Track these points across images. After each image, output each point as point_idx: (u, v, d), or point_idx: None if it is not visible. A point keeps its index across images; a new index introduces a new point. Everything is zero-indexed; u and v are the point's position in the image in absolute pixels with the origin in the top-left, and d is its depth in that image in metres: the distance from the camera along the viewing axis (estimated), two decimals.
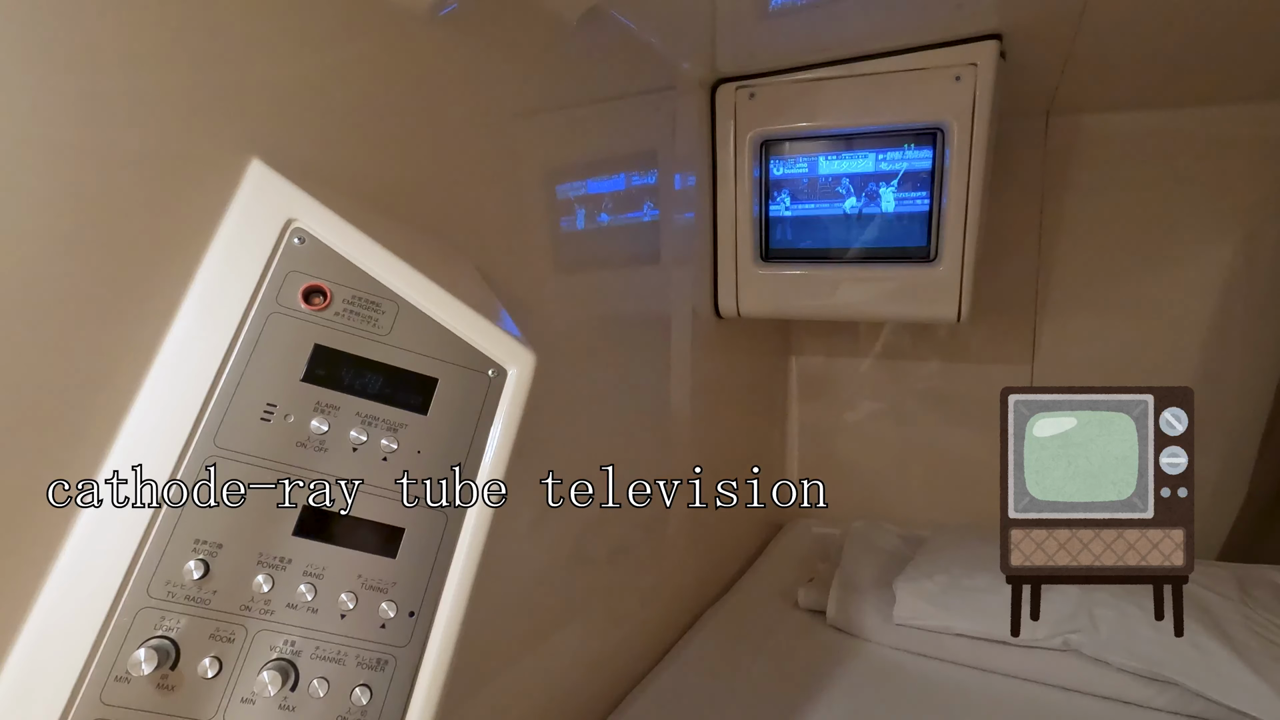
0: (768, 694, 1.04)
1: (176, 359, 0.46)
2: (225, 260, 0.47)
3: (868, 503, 1.61)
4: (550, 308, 0.84)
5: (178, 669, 0.43)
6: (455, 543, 0.50)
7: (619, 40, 0.96)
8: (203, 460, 0.45)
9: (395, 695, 0.48)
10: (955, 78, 1.08)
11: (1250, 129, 1.27)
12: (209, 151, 0.47)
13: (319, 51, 0.55)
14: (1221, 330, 1.35)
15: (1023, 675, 1.06)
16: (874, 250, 1.20)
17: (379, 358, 0.50)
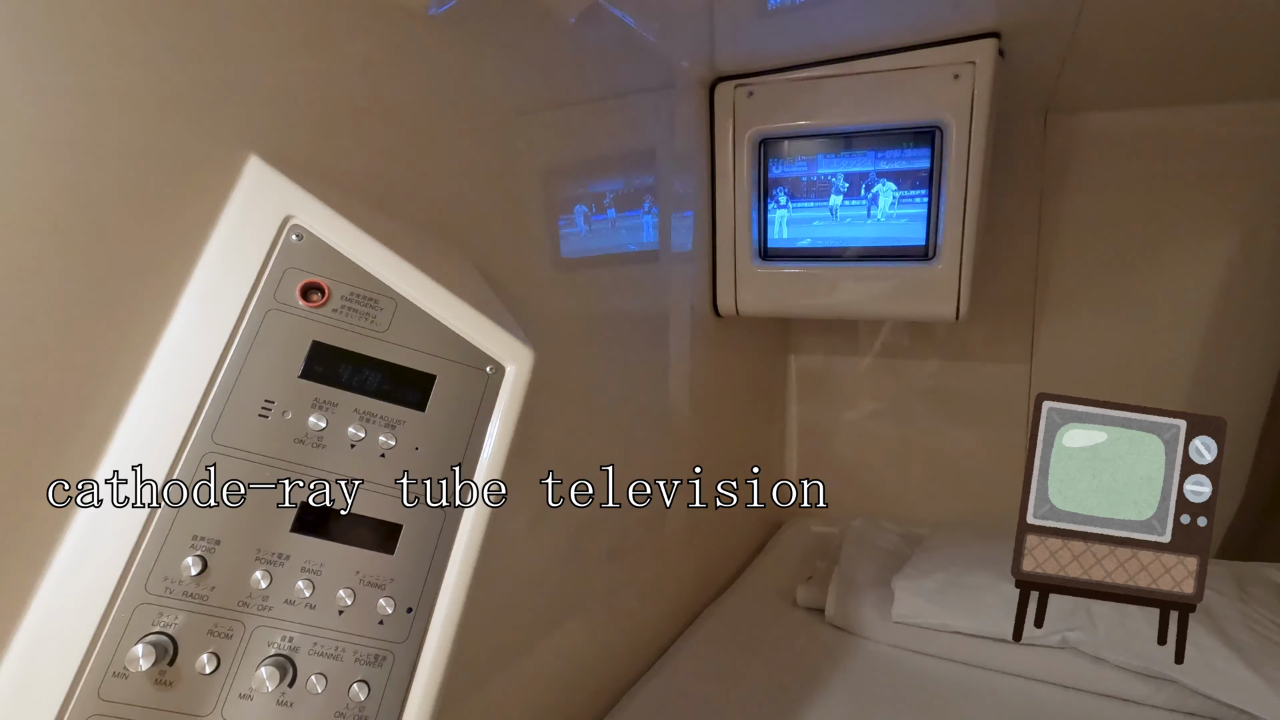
0: (766, 692, 1.04)
1: (174, 355, 0.46)
2: (223, 257, 0.47)
3: (866, 501, 1.61)
4: (549, 305, 0.84)
5: (175, 665, 0.43)
6: (453, 539, 0.50)
7: (617, 38, 0.96)
8: (200, 457, 0.45)
9: (393, 691, 0.48)
10: (954, 76, 1.08)
11: (1248, 128, 1.27)
12: (207, 148, 0.47)
13: (317, 48, 0.55)
14: (1219, 328, 1.35)
15: (1021, 673, 1.06)
16: (872, 249, 1.20)
17: (377, 354, 0.50)
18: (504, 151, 0.76)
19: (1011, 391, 1.51)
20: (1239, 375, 1.34)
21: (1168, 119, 1.32)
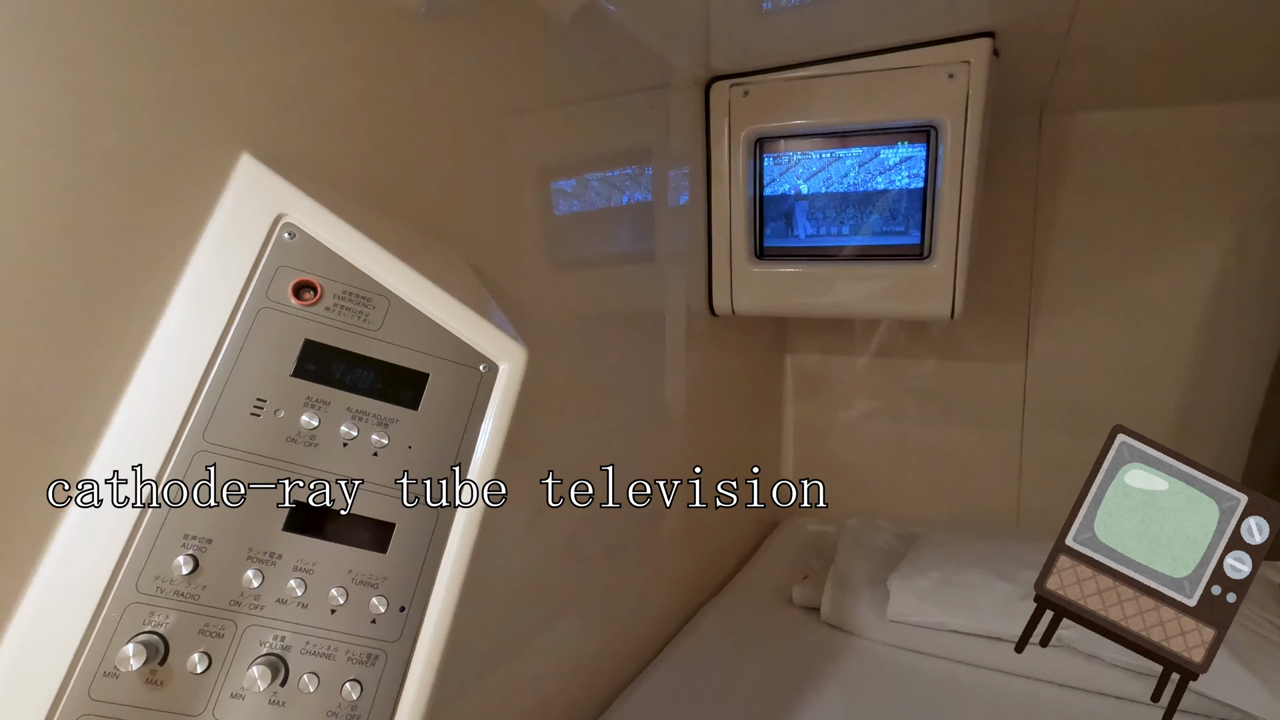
0: (762, 690, 1.04)
1: (166, 354, 0.45)
2: (215, 255, 0.47)
3: (862, 500, 1.61)
4: (544, 304, 0.84)
5: (166, 664, 0.43)
6: (446, 537, 0.50)
7: (613, 37, 0.96)
8: (192, 456, 0.45)
9: (386, 690, 0.48)
10: (949, 75, 1.08)
11: (1243, 127, 1.28)
12: (198, 146, 0.47)
13: (311, 46, 0.54)
14: (1214, 328, 1.35)
15: (1015, 670, 1.06)
16: (868, 248, 1.20)
17: (370, 353, 0.49)
18: (498, 150, 0.76)
19: (1007, 391, 1.52)
20: (1233, 374, 1.35)
21: (1162, 118, 1.32)
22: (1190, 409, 1.38)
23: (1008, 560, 1.17)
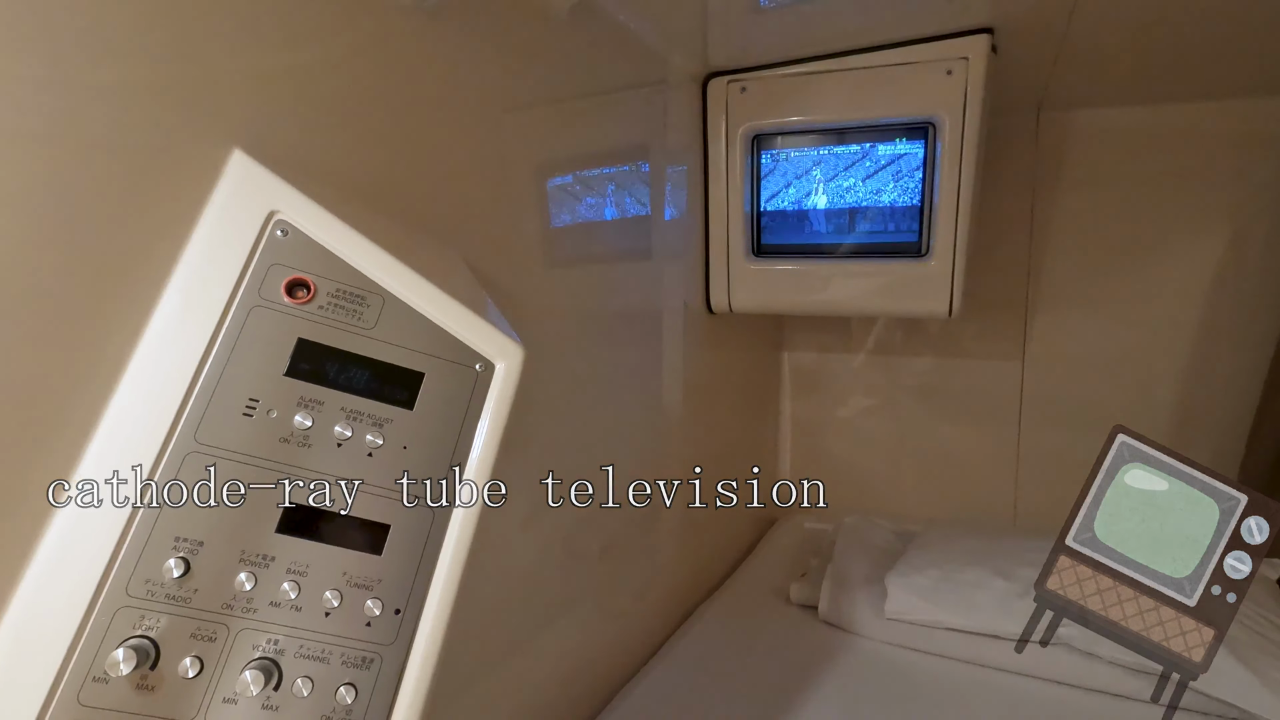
0: (760, 689, 1.04)
1: (156, 353, 0.45)
2: (206, 253, 0.46)
3: (860, 498, 1.61)
4: (540, 302, 0.83)
5: (157, 669, 0.43)
6: (442, 539, 0.49)
7: (609, 33, 0.95)
8: (184, 457, 0.44)
9: (381, 694, 0.47)
10: (947, 72, 1.07)
11: (1240, 124, 1.28)
12: (189, 142, 0.46)
13: (304, 42, 0.54)
14: (1210, 325, 1.35)
15: (1013, 669, 1.06)
16: (865, 245, 1.20)
17: (364, 352, 0.49)
18: (494, 146, 0.75)
19: (1004, 388, 1.52)
20: (1230, 372, 1.35)
21: (1160, 115, 1.32)
22: (1186, 406, 1.38)
23: (1006, 558, 1.17)
